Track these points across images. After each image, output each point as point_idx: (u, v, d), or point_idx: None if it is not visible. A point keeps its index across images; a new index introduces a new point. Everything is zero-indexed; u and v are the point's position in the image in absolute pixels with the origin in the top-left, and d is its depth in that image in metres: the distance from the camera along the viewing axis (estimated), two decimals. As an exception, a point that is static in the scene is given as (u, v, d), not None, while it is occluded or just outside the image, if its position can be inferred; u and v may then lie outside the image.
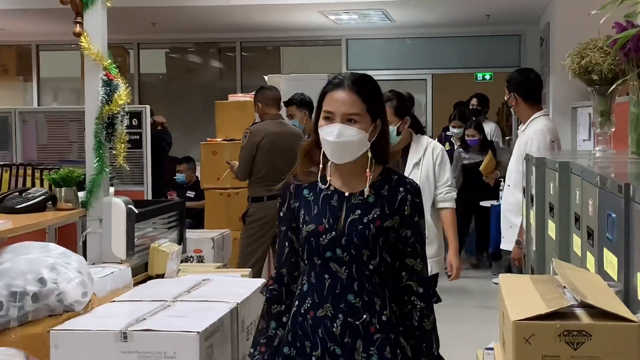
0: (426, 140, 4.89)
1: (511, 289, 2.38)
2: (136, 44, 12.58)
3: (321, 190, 2.84)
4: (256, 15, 10.36)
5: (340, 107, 2.73)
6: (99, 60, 4.44)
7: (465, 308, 8.17)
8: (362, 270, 2.69)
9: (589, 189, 2.83)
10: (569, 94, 8.23)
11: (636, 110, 3.47)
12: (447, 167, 4.90)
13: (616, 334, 1.98)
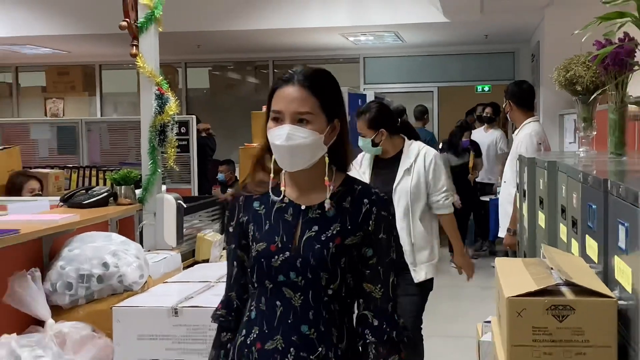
0: (418, 146, 4.31)
1: (506, 271, 2.39)
2: (183, 63, 12.59)
3: (274, 203, 2.15)
4: (286, 38, 10.36)
5: (289, 105, 2.06)
6: (152, 77, 4.46)
7: (466, 288, 8.10)
8: (320, 296, 2.04)
9: (573, 184, 2.83)
10: (556, 103, 8.19)
11: (614, 116, 3.46)
12: (442, 172, 4.30)
13: (596, 308, 1.99)
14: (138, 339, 3.28)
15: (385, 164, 4.30)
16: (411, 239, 4.16)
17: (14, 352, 3.05)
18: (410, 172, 4.20)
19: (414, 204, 4.16)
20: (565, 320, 1.98)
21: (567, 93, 3.92)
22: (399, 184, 4.18)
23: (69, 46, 11.04)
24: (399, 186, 4.18)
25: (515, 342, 2.02)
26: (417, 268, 4.19)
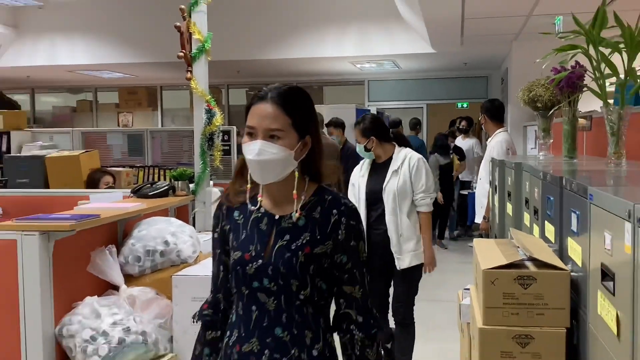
0: (406, 152, 4.08)
1: (481, 249, 2.39)
2: (226, 85, 12.63)
3: (251, 213, 1.90)
4: (307, 65, 10.36)
5: (261, 121, 1.80)
6: (203, 96, 4.47)
7: (450, 263, 8.13)
8: (292, 301, 1.81)
9: (535, 181, 2.83)
10: (521, 116, 8.16)
11: (567, 127, 3.45)
12: (422, 174, 4.01)
13: (553, 278, 1.99)
14: (192, 300, 3.29)
15: (378, 167, 4.12)
16: (399, 231, 3.95)
17: (95, 310, 3.08)
18: (397, 174, 4.00)
19: (401, 201, 3.97)
20: (528, 288, 1.99)
21: (529, 109, 3.91)
22: (388, 184, 4.00)
23: (136, 71, 11.09)
24: (387, 185, 4.00)
25: (489, 304, 2.03)
26: (401, 256, 3.95)
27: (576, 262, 1.99)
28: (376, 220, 4.04)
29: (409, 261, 3.91)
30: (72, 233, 3.10)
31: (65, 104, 14.01)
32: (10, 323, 2.96)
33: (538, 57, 3.39)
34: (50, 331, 3.02)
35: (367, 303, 1.88)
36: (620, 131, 2.66)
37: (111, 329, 2.99)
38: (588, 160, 3.59)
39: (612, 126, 2.68)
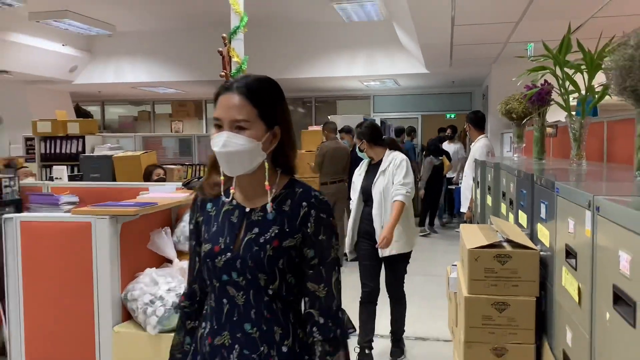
0: (394, 154, 3.86)
1: (467, 232, 2.39)
2: (257, 99, 12.71)
3: (223, 205, 1.58)
4: (323, 82, 10.36)
5: (227, 112, 1.47)
6: (240, 107, 4.49)
7: (439, 245, 8.11)
8: (261, 295, 1.48)
9: (510, 177, 2.81)
10: (499, 126, 8.12)
11: (537, 134, 3.44)
12: (403, 171, 3.75)
13: (525, 256, 1.99)
14: (231, 272, 3.32)
15: (372, 167, 3.93)
16: (381, 222, 3.74)
17: (154, 279, 3.09)
18: (384, 174, 3.79)
19: (386, 197, 3.74)
20: (505, 264, 1.98)
21: (506, 119, 3.90)
22: (376, 182, 3.81)
23: (186, 88, 11.14)
24: (376, 183, 3.81)
25: (473, 277, 2.03)
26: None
27: (544, 244, 1.98)
28: (368, 213, 3.84)
29: (389, 250, 3.70)
30: (136, 217, 3.12)
31: (129, 114, 14.11)
32: (86, 289, 3.00)
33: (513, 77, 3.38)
34: (117, 296, 3.05)
35: (331, 304, 1.51)
36: (581, 137, 2.64)
37: (166, 295, 3.00)
38: (554, 161, 3.56)
39: (574, 133, 2.66)
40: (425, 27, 5.85)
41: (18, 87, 10.30)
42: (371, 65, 9.16)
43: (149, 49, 9.70)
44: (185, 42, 9.48)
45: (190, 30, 9.33)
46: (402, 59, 9.01)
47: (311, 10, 8.15)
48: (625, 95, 1.76)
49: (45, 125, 7.45)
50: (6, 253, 3.05)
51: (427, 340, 4.25)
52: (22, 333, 3.07)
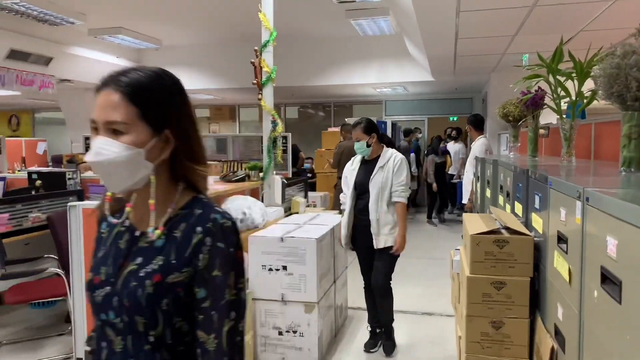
0: (392, 152, 3.51)
1: (469, 220, 2.37)
2: (284, 104, 12.67)
3: (115, 226, 1.10)
4: (340, 89, 10.33)
5: (101, 113, 1.00)
6: (269, 111, 4.48)
7: (442, 233, 8.06)
8: (141, 343, 1.01)
9: (507, 172, 2.79)
10: (496, 127, 8.03)
11: (531, 134, 3.40)
12: (404, 172, 3.41)
13: (521, 241, 1.97)
14: (262, 253, 3.33)
15: (367, 163, 3.52)
16: (377, 215, 3.36)
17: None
18: (383, 170, 3.41)
19: (382, 192, 3.38)
20: (503, 248, 1.97)
21: (503, 121, 3.85)
22: (374, 177, 3.41)
23: (222, 94, 11.19)
24: (373, 178, 3.41)
25: (474, 259, 2.02)
26: (379, 238, 3.37)
27: (538, 230, 1.96)
28: (363, 208, 3.45)
29: (384, 241, 3.36)
30: (180, 205, 3.17)
31: (173, 117, 14.27)
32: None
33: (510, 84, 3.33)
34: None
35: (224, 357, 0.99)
36: (571, 137, 2.61)
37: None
38: (546, 159, 3.52)
39: (565, 134, 2.63)
40: (431, 40, 5.80)
41: (79, 93, 10.45)
42: (383, 73, 9.11)
43: (191, 61, 9.77)
44: (222, 55, 9.53)
45: (227, 44, 9.37)
46: (410, 68, 8.94)
47: (331, 26, 8.12)
48: (612, 100, 1.74)
49: (102, 127, 7.56)
50: (71, 234, 3.12)
51: (432, 315, 4.23)
52: (83, 303, 3.13)
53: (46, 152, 10.97)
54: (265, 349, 3.33)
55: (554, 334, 1.66)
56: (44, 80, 8.17)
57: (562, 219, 1.58)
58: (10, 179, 4.99)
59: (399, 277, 5.25)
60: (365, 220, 3.43)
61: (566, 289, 1.53)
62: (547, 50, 2.83)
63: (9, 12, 5.98)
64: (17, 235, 3.88)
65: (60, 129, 13.68)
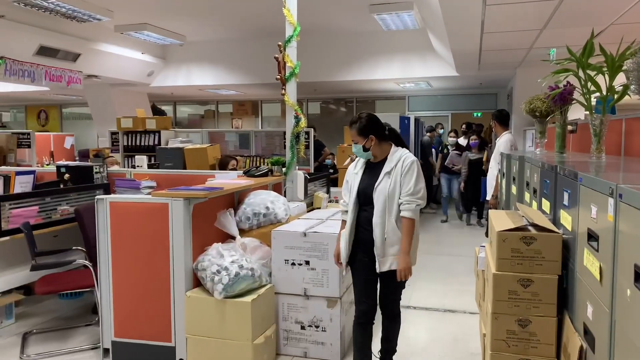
0: (401, 152, 2.79)
1: (495, 217, 2.34)
2: (306, 99, 12.66)
3: None
4: (363, 84, 10.28)
5: None
6: (292, 107, 4.48)
7: (466, 230, 7.97)
8: None
9: (534, 169, 2.74)
10: (522, 123, 7.90)
11: (559, 130, 3.33)
12: (413, 177, 2.69)
13: (549, 238, 1.94)
14: (284, 248, 3.34)
15: (373, 166, 2.82)
16: (384, 234, 2.68)
17: (220, 252, 3.16)
18: (390, 176, 2.71)
19: (390, 203, 2.69)
20: (530, 245, 1.94)
21: (529, 117, 3.79)
22: (379, 184, 2.73)
23: (245, 90, 11.25)
24: (379, 186, 2.73)
25: (500, 256, 1.99)
26: (383, 259, 2.70)
27: (566, 228, 1.93)
28: (366, 220, 2.76)
29: (389, 264, 2.70)
30: (205, 199, 3.20)
31: (197, 112, 14.37)
32: (164, 259, 3.09)
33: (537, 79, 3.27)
34: (189, 265, 3.14)
35: None
36: (601, 133, 2.55)
37: (230, 265, 3.06)
38: (574, 155, 3.45)
39: (595, 129, 2.57)
40: (456, 34, 5.73)
41: (105, 89, 10.63)
42: (407, 68, 9.03)
43: (214, 56, 9.84)
44: (246, 50, 9.57)
45: (250, 40, 9.41)
46: (434, 63, 8.84)
47: (354, 21, 8.08)
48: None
49: (127, 122, 7.69)
50: (98, 227, 3.18)
51: (455, 312, 4.19)
52: (110, 295, 3.20)
53: (73, 147, 11.20)
54: (287, 343, 3.35)
55: (583, 333, 1.63)
56: (71, 76, 8.33)
57: (593, 216, 1.54)
58: (39, 173, 5.11)
59: (422, 274, 5.23)
60: (368, 234, 2.75)
61: (596, 287, 1.50)
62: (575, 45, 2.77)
63: (38, 10, 6.11)
64: (46, 228, 3.97)
65: (87, 124, 13.96)
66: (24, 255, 3.66)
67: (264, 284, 3.23)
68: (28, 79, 7.57)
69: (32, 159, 7.91)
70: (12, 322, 3.95)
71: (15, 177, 4.70)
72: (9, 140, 7.58)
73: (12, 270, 3.78)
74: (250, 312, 2.96)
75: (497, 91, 11.36)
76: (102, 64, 8.92)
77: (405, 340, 3.59)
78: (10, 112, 15.32)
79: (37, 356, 3.35)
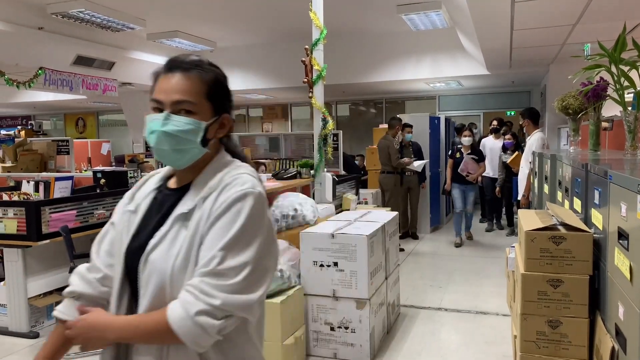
0: (232, 172, 1.19)
1: (524, 216, 2.31)
2: (335, 101, 12.70)
3: None
4: (393, 85, 10.24)
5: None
6: (320, 109, 4.49)
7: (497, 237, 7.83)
8: None
9: (566, 167, 2.69)
10: (556, 121, 7.71)
11: (592, 127, 3.25)
12: (231, 231, 1.05)
13: (579, 238, 1.91)
14: (313, 249, 3.36)
15: (165, 198, 1.22)
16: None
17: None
18: (186, 224, 1.11)
19: (173, 289, 1.08)
20: (560, 245, 1.91)
21: (562, 115, 3.71)
22: (157, 247, 1.12)
23: (274, 93, 11.37)
24: (155, 252, 1.12)
25: (529, 256, 1.97)
26: None
27: (597, 227, 1.89)
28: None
29: None
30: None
31: (227, 117, 14.62)
32: (195, 261, 3.16)
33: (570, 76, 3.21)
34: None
35: None
36: (635, 129, 2.49)
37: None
38: (609, 153, 3.36)
39: (629, 126, 2.51)
40: (486, 32, 5.65)
41: (139, 96, 10.93)
42: (436, 68, 8.95)
43: (243, 61, 9.99)
44: (273, 54, 9.69)
45: (278, 44, 9.52)
46: (464, 62, 8.74)
47: (382, 22, 8.07)
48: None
49: (160, 127, 7.86)
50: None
51: (487, 314, 4.14)
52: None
53: (110, 153, 11.55)
54: (317, 344, 3.37)
55: (615, 334, 1.60)
56: (107, 84, 8.60)
57: (623, 214, 1.51)
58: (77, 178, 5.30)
59: (454, 276, 5.17)
60: None
61: (627, 287, 1.47)
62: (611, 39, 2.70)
63: (75, 21, 6.34)
64: (84, 231, 4.12)
65: (122, 130, 14.36)
66: (63, 258, 3.81)
67: (293, 285, 3.26)
68: (66, 88, 7.86)
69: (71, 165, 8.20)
70: (53, 322, 4.10)
71: (55, 183, 4.89)
72: (49, 147, 7.88)
73: (52, 272, 3.93)
74: (280, 313, 2.99)
75: (530, 89, 11.14)
76: (136, 72, 9.18)
77: (437, 343, 3.56)
78: (50, 120, 15.90)
79: (75, 355, 3.47)
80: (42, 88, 7.60)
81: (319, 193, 4.57)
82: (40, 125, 15.29)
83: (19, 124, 15.42)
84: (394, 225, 4.03)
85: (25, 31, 6.89)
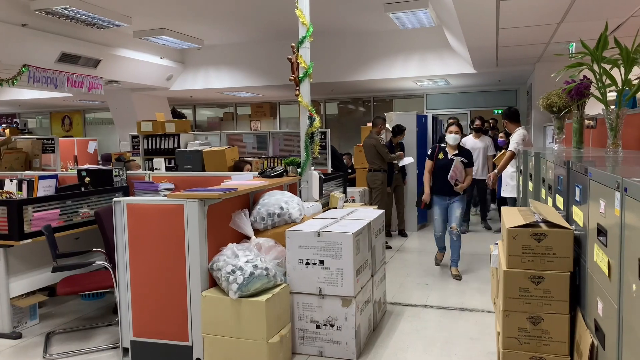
0: None
1: (507, 213, 2.32)
2: (323, 99, 12.68)
3: None
4: (381, 84, 10.25)
5: None
6: (306, 107, 4.47)
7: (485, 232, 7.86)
8: None
9: (549, 165, 2.71)
10: (542, 119, 7.77)
11: (576, 125, 3.28)
12: None
13: (560, 234, 1.92)
14: (298, 247, 3.34)
15: None
16: None
17: (235, 252, 3.19)
18: None
19: None
20: (541, 242, 1.92)
21: (547, 113, 3.74)
22: None
23: (262, 92, 11.33)
24: None
25: (511, 254, 1.98)
26: None
27: (578, 224, 1.90)
28: None
29: None
30: (220, 200, 3.23)
31: (216, 115, 14.53)
32: (179, 259, 3.13)
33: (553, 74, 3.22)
34: (205, 265, 3.17)
35: None
36: (617, 127, 2.51)
37: (245, 265, 3.08)
38: (592, 150, 3.39)
39: (611, 124, 2.53)
40: (472, 31, 5.67)
41: (125, 94, 10.83)
42: (424, 67, 8.98)
43: (232, 59, 9.94)
44: (262, 52, 9.65)
45: (265, 42, 9.48)
46: (452, 60, 8.77)
47: (369, 20, 8.07)
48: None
49: (147, 125, 7.81)
50: (116, 229, 3.25)
51: (472, 311, 4.15)
52: (129, 295, 3.25)
53: (96, 151, 11.43)
54: (303, 342, 3.36)
55: (594, 330, 1.61)
56: (92, 82, 8.51)
57: (602, 211, 1.52)
58: (61, 177, 5.23)
59: (440, 273, 5.19)
60: None
61: (606, 283, 1.48)
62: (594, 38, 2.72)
63: (59, 17, 6.26)
64: (67, 230, 4.07)
65: (109, 129, 14.23)
66: (47, 257, 3.76)
67: (278, 283, 3.24)
68: (51, 86, 7.76)
69: (56, 163, 8.10)
70: (36, 323, 4.05)
71: (39, 181, 4.82)
72: (34, 145, 7.78)
73: (35, 272, 3.88)
74: (265, 311, 2.98)
75: (516, 87, 11.22)
76: (122, 70, 9.09)
77: (423, 340, 3.57)
78: (36, 118, 15.71)
79: (59, 355, 3.44)
80: (26, 86, 7.50)
81: (306, 191, 4.56)
82: (25, 124, 15.10)
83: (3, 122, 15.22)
84: (380, 223, 4.03)
85: (8, 28, 6.79)
